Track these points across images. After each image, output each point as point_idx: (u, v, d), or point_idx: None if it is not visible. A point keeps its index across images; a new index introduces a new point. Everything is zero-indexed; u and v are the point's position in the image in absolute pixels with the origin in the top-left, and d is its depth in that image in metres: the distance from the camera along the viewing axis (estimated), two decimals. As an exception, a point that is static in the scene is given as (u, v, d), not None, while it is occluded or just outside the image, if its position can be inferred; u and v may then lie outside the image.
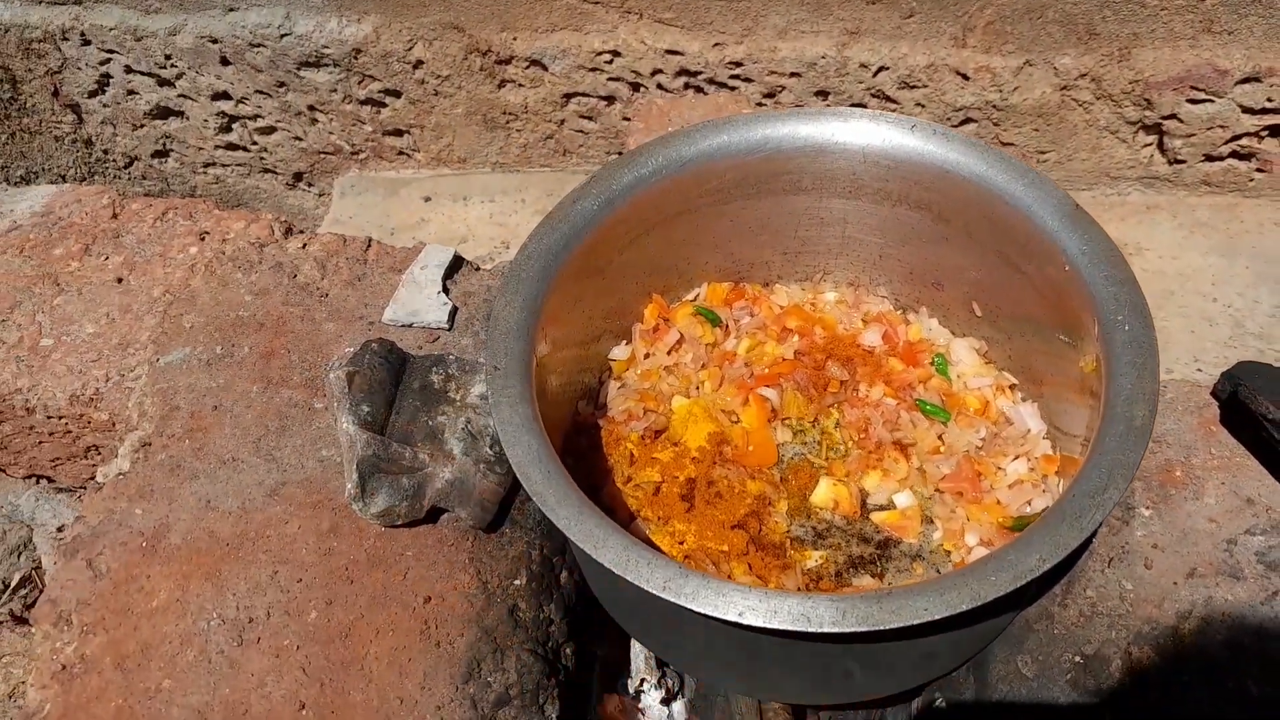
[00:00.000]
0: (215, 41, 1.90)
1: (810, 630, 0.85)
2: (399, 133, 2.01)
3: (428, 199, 2.01)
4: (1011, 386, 1.20)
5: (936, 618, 0.84)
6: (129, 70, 1.98)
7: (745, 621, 0.85)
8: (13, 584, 1.74)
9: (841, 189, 1.19)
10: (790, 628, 0.85)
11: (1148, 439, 0.92)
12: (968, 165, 1.11)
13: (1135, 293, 1.00)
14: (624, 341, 1.27)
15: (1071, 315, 1.04)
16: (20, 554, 1.78)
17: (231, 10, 1.88)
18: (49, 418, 1.46)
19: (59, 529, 1.76)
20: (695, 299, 1.30)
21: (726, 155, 1.17)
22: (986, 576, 0.85)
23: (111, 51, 1.96)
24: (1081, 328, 1.03)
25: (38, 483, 1.75)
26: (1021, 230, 1.08)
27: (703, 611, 0.86)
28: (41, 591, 1.73)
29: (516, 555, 1.15)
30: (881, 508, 1.16)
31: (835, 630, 0.84)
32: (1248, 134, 1.78)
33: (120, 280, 1.55)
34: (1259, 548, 1.12)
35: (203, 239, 1.59)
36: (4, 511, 1.80)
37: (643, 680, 1.31)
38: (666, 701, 1.32)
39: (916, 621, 0.84)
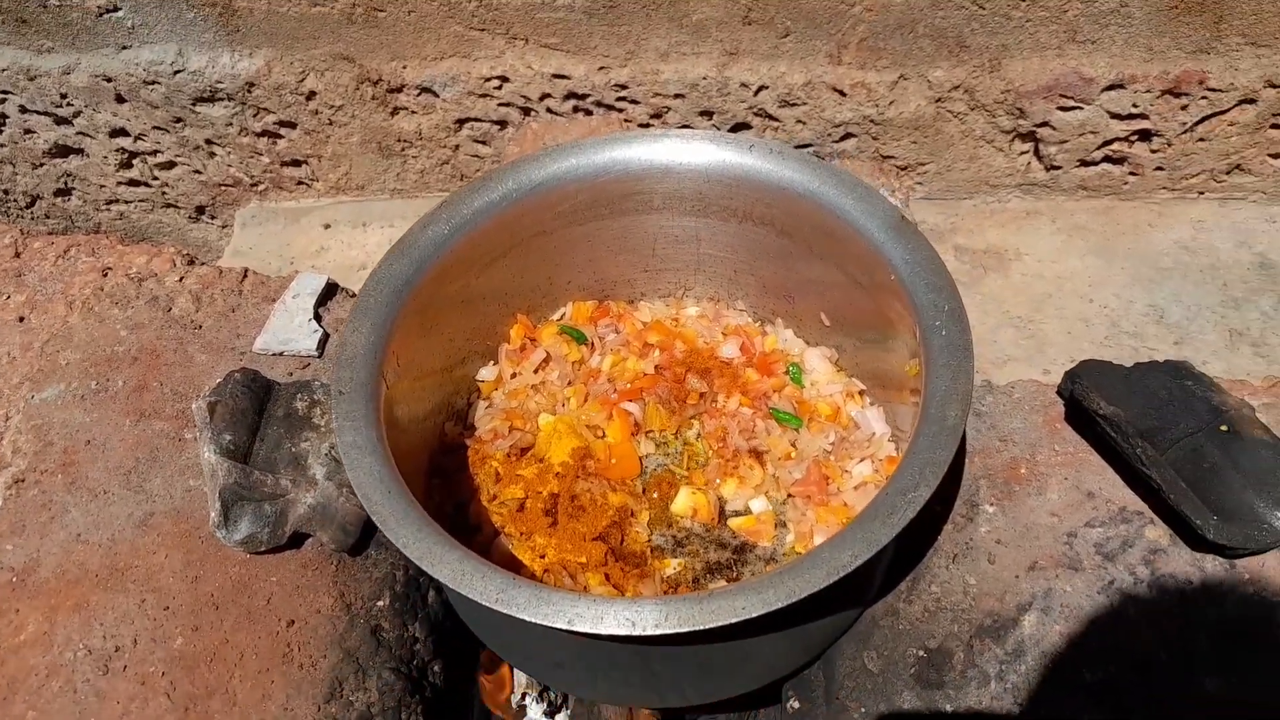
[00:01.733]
0: (110, 80, 1.92)
1: (636, 634, 0.88)
2: (297, 163, 2.03)
3: (328, 226, 2.04)
4: (861, 392, 1.25)
5: (754, 615, 0.87)
6: (24, 110, 1.99)
7: (574, 628, 0.88)
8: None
9: (690, 207, 1.23)
10: (616, 632, 0.88)
11: (959, 438, 0.96)
12: (803, 182, 1.15)
13: (953, 299, 1.04)
14: (491, 363, 1.30)
15: (898, 322, 1.08)
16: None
17: (124, 48, 1.90)
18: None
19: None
20: (561, 318, 1.34)
21: (576, 178, 1.20)
22: (801, 574, 0.89)
23: (5, 92, 1.97)
24: (906, 333, 1.08)
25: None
26: (854, 243, 1.12)
27: (533, 620, 0.88)
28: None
29: (380, 577, 1.17)
30: (738, 514, 1.19)
31: (659, 633, 0.88)
32: (1118, 139, 1.84)
33: (22, 319, 1.56)
34: (1097, 539, 1.16)
35: (105, 274, 1.60)
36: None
37: (524, 694, 1.34)
38: (550, 714, 1.35)
39: (735, 620, 0.87)
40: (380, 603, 1.16)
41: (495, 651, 1.18)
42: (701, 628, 0.87)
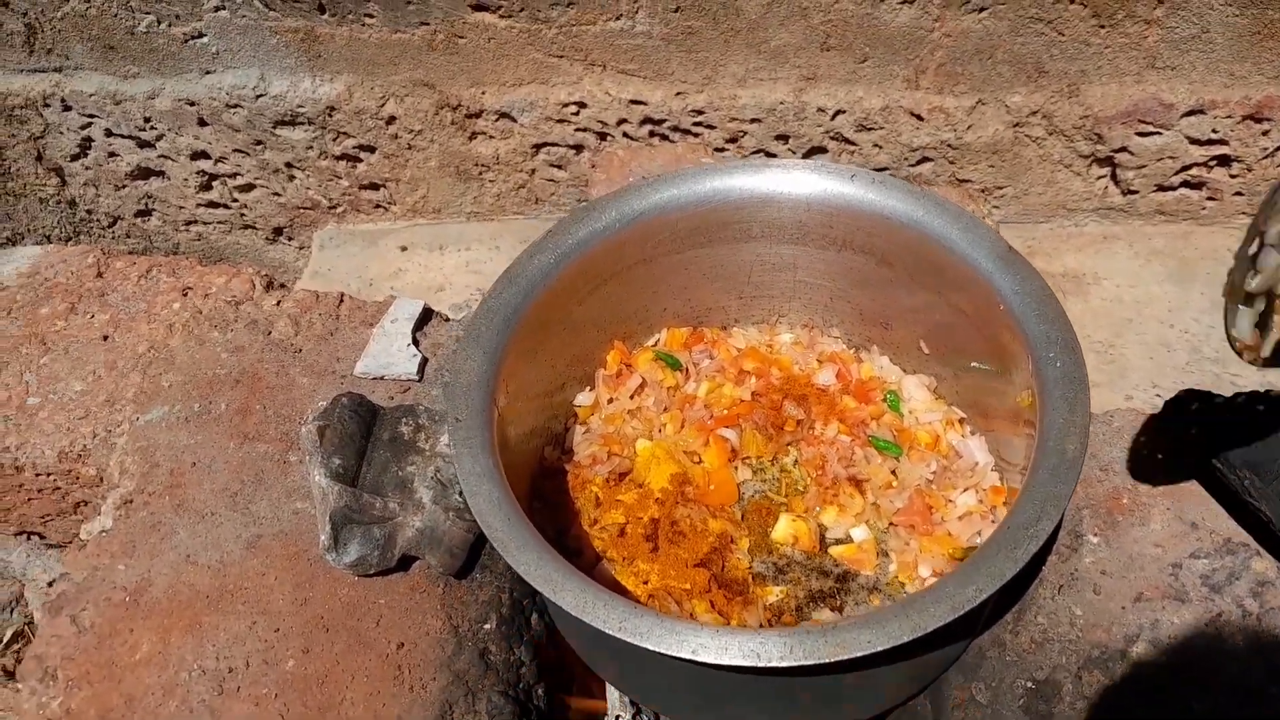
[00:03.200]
0: (193, 104, 1.96)
1: (760, 665, 0.89)
2: (375, 186, 2.06)
3: (404, 249, 2.06)
4: (961, 420, 1.25)
5: (879, 649, 0.88)
6: (109, 133, 2.03)
7: (698, 658, 0.89)
8: (5, 639, 1.78)
9: (789, 236, 1.24)
10: (741, 663, 0.89)
11: (1079, 471, 0.96)
12: (905, 211, 1.16)
13: (1066, 330, 1.05)
14: (588, 388, 1.31)
15: (1007, 352, 1.09)
16: (12, 609, 1.81)
17: (208, 73, 1.93)
18: (38, 475, 1.49)
19: (49, 584, 1.79)
20: (656, 344, 1.35)
21: (678, 207, 1.21)
22: (926, 608, 0.89)
23: (92, 116, 2.01)
24: (1016, 364, 1.08)
25: (28, 539, 1.78)
26: (959, 273, 1.13)
27: (657, 650, 0.89)
28: (33, 646, 1.76)
29: (486, 600, 1.19)
30: (839, 542, 1.20)
31: (784, 665, 0.88)
32: (1196, 164, 1.84)
33: (106, 338, 1.59)
34: (1203, 571, 1.16)
35: (185, 294, 1.63)
36: (-5, 569, 1.84)
37: (617, 717, 1.34)
38: (642, 737, 1.35)
39: (861, 654, 0.88)
40: (487, 625, 1.17)
41: (602, 676, 1.19)
42: (828, 660, 0.88)
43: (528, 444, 1.21)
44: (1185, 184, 1.87)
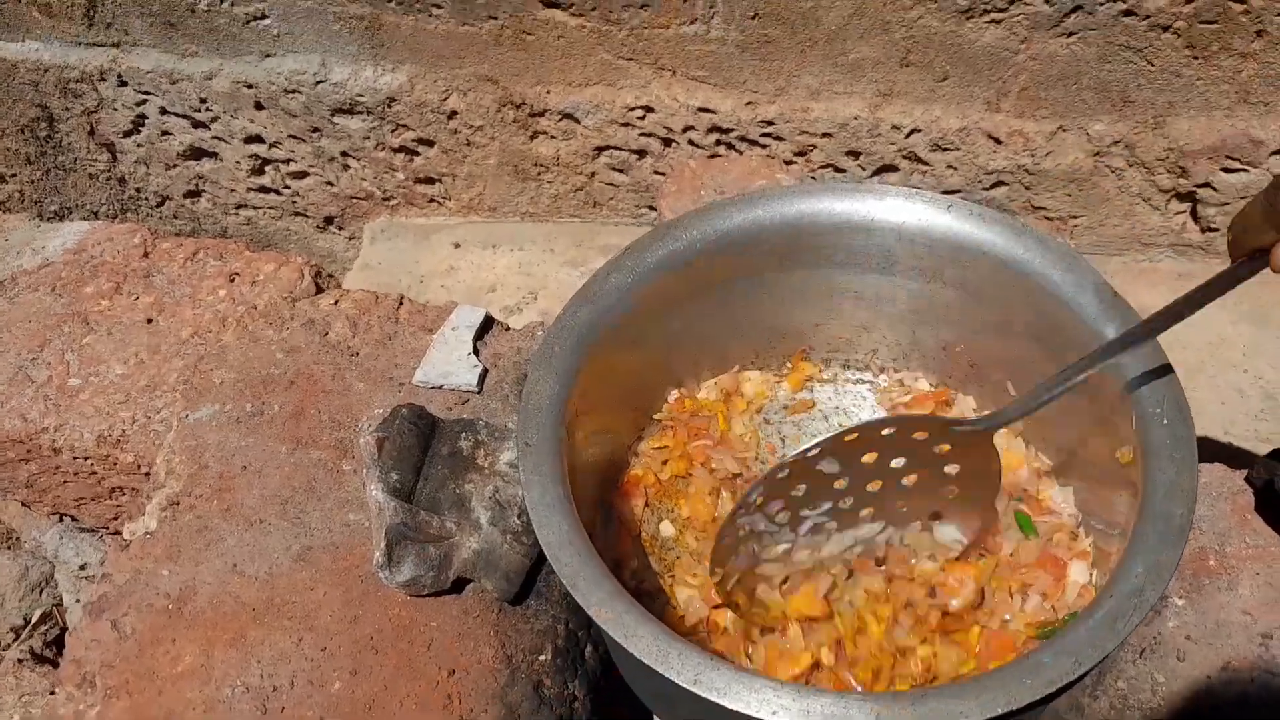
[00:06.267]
0: (251, 86, 1.92)
1: (843, 730, 0.84)
2: (430, 180, 2.02)
3: (457, 246, 2.02)
4: (1049, 471, 1.19)
5: (970, 720, 0.83)
6: (164, 112, 2.00)
7: None
8: (33, 620, 1.75)
9: (875, 265, 1.18)
10: (822, 727, 0.84)
11: (1186, 538, 0.91)
12: (1005, 247, 1.10)
13: (1174, 386, 0.99)
14: (654, 418, 1.26)
15: (1108, 405, 1.03)
16: (42, 591, 1.78)
17: (268, 56, 1.90)
18: (75, 458, 1.46)
19: (81, 567, 1.76)
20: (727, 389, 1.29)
21: (761, 229, 1.16)
22: (1022, 680, 0.84)
23: (147, 93, 1.97)
24: (1117, 417, 1.02)
25: (61, 521, 1.75)
26: (1060, 316, 1.07)
27: (734, 709, 0.85)
28: (63, 630, 1.74)
29: (542, 629, 1.14)
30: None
31: (868, 731, 0.83)
32: (1282, 204, 1.77)
33: (150, 320, 1.56)
34: (1295, 642, 1.10)
35: (232, 280, 1.60)
36: (27, 548, 1.81)
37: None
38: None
39: (951, 726, 0.83)
40: (542, 657, 1.12)
41: (659, 716, 1.14)
42: (916, 729, 0.83)
43: (593, 467, 1.17)
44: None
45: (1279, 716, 1.05)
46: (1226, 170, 1.75)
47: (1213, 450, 1.61)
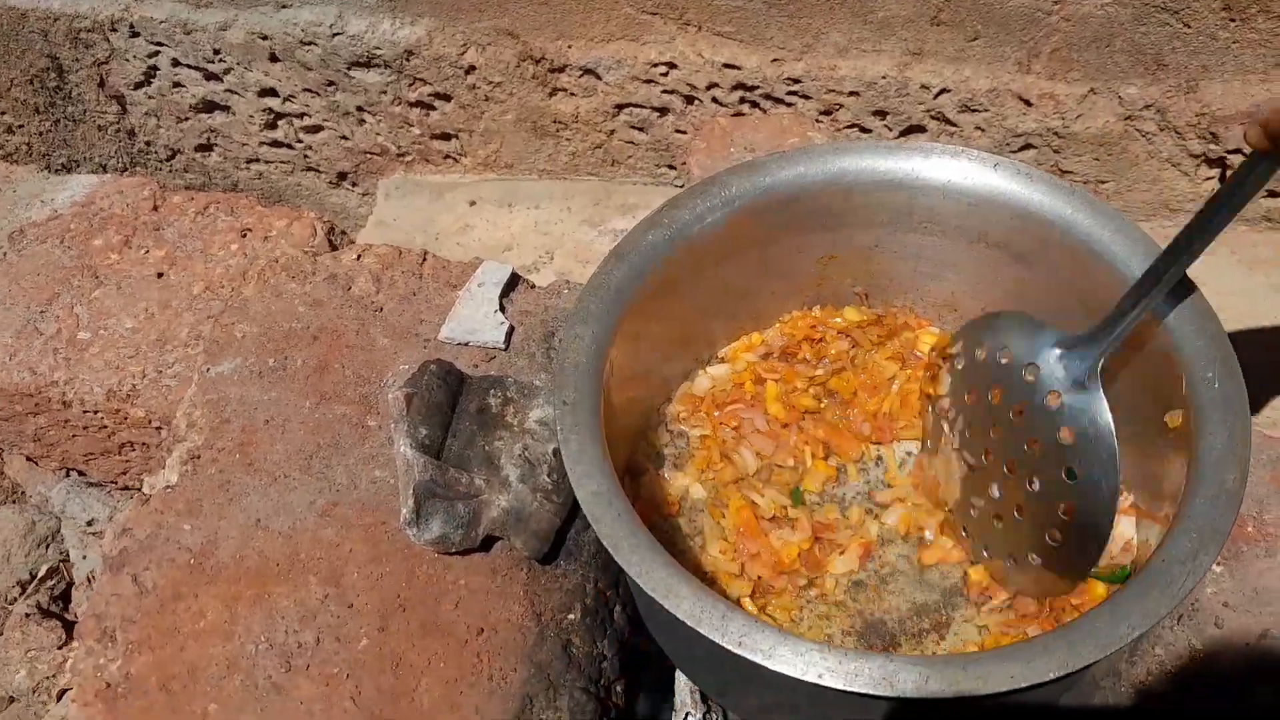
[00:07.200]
0: (265, 38, 1.88)
1: (891, 695, 0.82)
2: (447, 136, 1.98)
3: (473, 203, 1.99)
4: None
5: (1023, 685, 0.81)
6: (176, 63, 1.96)
7: (824, 684, 0.82)
8: (40, 575, 1.73)
9: (918, 224, 1.16)
10: (870, 692, 0.82)
11: (1239, 504, 0.89)
12: (1051, 207, 1.08)
13: (1225, 348, 0.97)
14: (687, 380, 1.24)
15: (1156, 368, 1.01)
16: (48, 546, 1.76)
17: (284, 7, 1.85)
18: (85, 412, 1.44)
19: (88, 523, 1.74)
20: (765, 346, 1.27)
21: (802, 186, 1.13)
22: (1075, 644, 0.82)
23: (160, 44, 1.93)
24: (1165, 380, 1.00)
25: (68, 475, 1.73)
26: (1107, 278, 1.05)
27: (779, 670, 0.83)
28: (69, 585, 1.72)
29: (571, 588, 1.12)
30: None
31: (917, 696, 0.82)
32: (1314, 172, 1.75)
33: (160, 275, 1.53)
34: (1335, 612, 1.09)
35: (244, 235, 1.57)
36: (34, 503, 1.79)
37: (687, 715, 1.28)
38: (711, 736, 1.29)
39: (1003, 689, 0.81)
40: (571, 616, 1.10)
41: (691, 678, 1.13)
42: (966, 694, 0.81)
43: (625, 422, 1.14)
44: (1289, 96, 1.77)
45: (1320, 686, 1.04)
46: (1259, 136, 1.71)
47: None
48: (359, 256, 1.39)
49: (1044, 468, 1.02)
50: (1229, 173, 1.77)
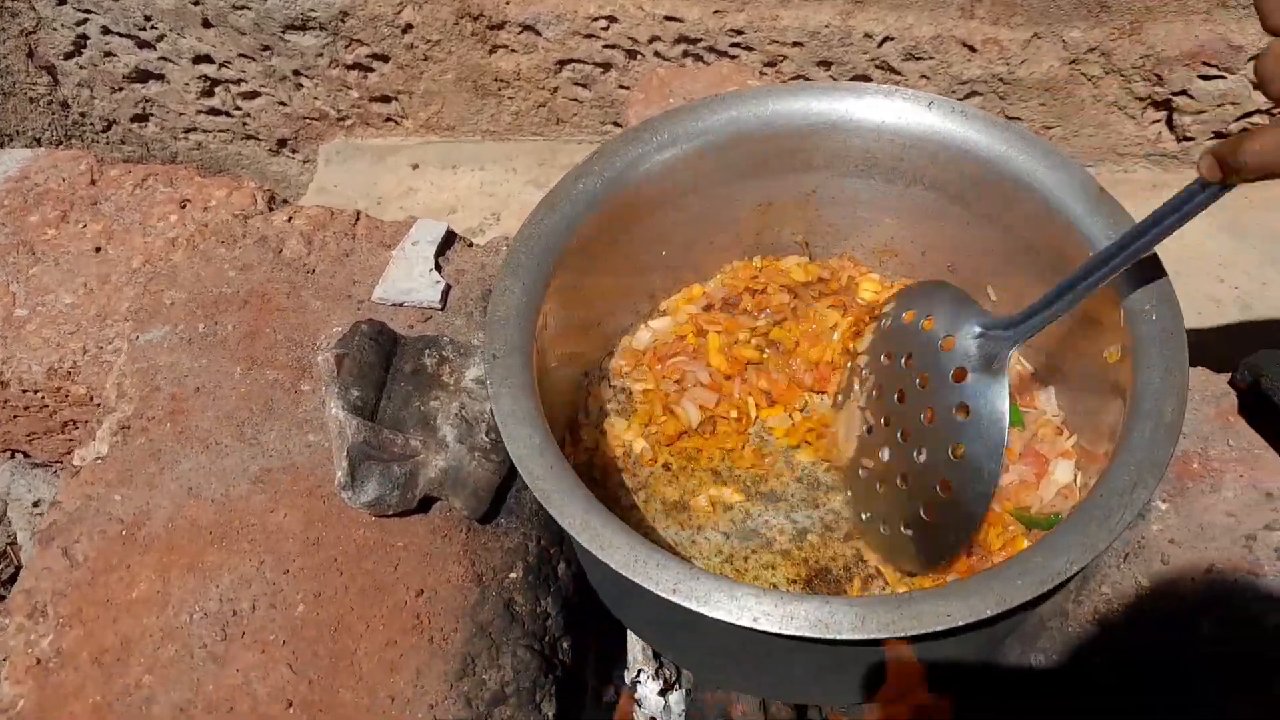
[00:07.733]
0: (198, 3, 1.83)
1: (827, 637, 0.81)
2: (386, 99, 1.95)
3: (415, 167, 1.95)
4: (1031, 374, 1.16)
5: (960, 624, 0.80)
6: (107, 31, 1.91)
7: (759, 628, 0.81)
8: (-13, 558, 1.70)
9: (854, 168, 1.14)
10: (806, 634, 0.81)
11: (1177, 436, 0.88)
12: (987, 145, 1.06)
13: (1163, 282, 0.96)
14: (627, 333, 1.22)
15: (1095, 305, 1.00)
16: (-6, 529, 1.73)
17: (213, -30, 1.81)
18: (24, 391, 1.41)
19: (34, 504, 1.71)
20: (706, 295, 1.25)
21: (736, 131, 1.11)
22: (1012, 580, 0.82)
23: (88, 12, 1.88)
24: (1102, 316, 0.99)
25: (12, 457, 1.69)
26: (1043, 215, 1.04)
27: (715, 616, 0.82)
28: (18, 568, 1.69)
29: (512, 547, 1.10)
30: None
31: (854, 637, 0.81)
32: (1259, 111, 1.74)
33: (98, 249, 1.49)
34: (1279, 544, 1.08)
35: (184, 207, 1.53)
36: (-23, 486, 1.75)
37: (640, 671, 1.27)
38: (664, 692, 1.28)
39: (939, 628, 0.80)
40: (513, 575, 1.09)
41: (634, 631, 1.11)
42: (903, 634, 0.80)
43: (564, 378, 1.13)
44: (1245, 132, 1.77)
45: (1263, 617, 1.03)
46: (1204, 77, 1.71)
47: (1193, 356, 1.59)
48: (290, 219, 1.35)
49: (934, 441, 1.00)
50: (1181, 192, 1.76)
